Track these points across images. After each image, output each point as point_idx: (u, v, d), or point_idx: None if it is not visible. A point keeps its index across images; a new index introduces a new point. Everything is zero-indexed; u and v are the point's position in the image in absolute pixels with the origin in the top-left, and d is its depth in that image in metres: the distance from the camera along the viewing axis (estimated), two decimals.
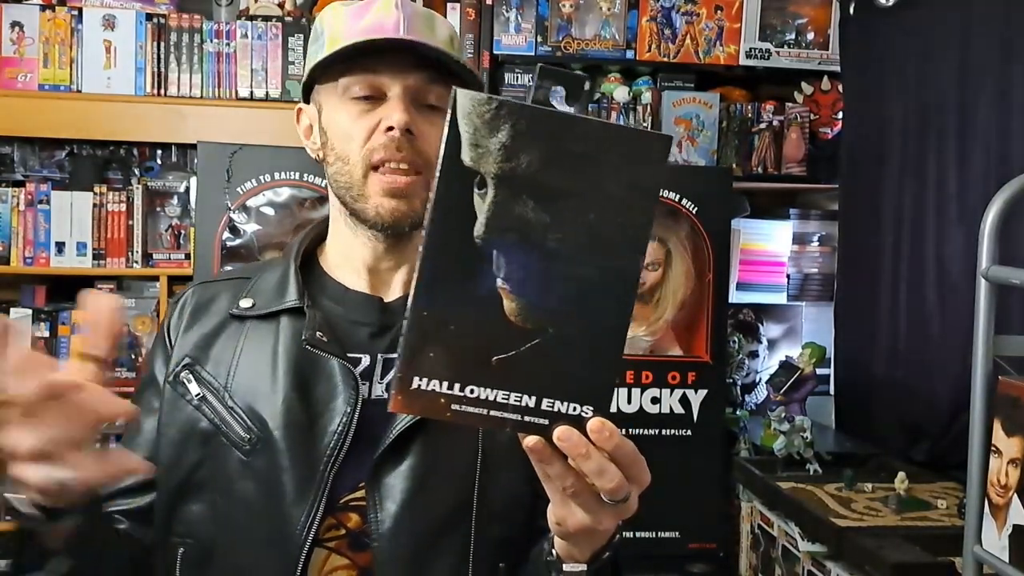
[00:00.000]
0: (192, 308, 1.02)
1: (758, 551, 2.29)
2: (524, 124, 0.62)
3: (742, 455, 2.53)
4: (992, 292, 1.48)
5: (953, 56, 2.33)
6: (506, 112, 0.61)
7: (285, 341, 0.96)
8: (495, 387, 0.65)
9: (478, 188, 0.62)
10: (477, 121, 0.61)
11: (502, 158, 0.62)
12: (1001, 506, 1.39)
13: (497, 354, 0.64)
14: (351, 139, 0.95)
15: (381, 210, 0.95)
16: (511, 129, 0.61)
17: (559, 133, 0.62)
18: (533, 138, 0.62)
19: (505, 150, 0.62)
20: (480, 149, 0.62)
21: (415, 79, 0.95)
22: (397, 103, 0.93)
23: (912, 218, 2.46)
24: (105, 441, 2.62)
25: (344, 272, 1.02)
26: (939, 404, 2.31)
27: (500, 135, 0.61)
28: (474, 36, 2.86)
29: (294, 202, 2.39)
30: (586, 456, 0.65)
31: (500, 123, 0.61)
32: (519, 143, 0.62)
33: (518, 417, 0.65)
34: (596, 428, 0.65)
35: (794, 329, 3.02)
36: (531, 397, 0.65)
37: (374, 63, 0.94)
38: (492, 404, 0.65)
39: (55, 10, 2.68)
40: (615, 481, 0.67)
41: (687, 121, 2.89)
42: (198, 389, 0.96)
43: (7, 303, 2.71)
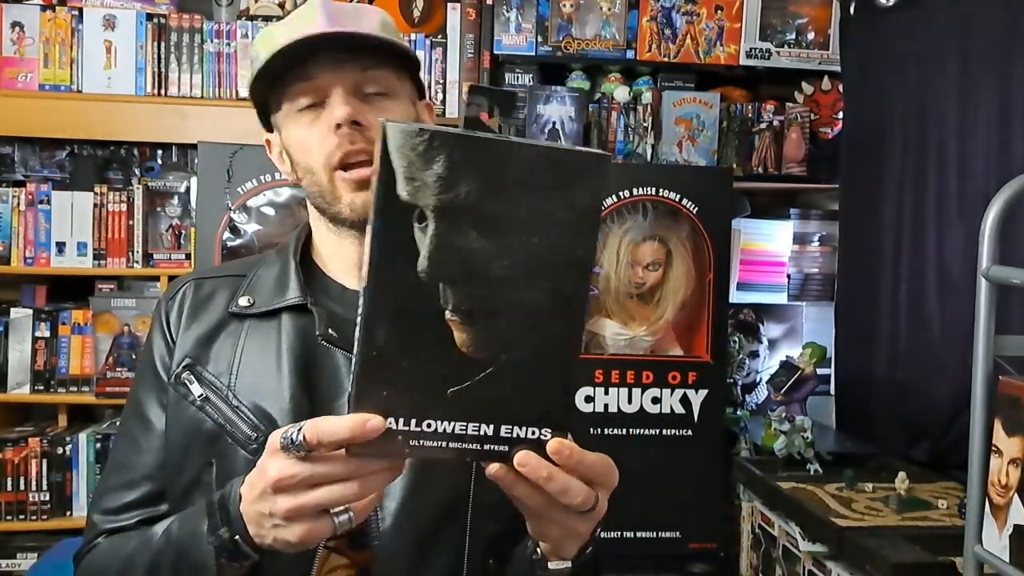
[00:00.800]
0: (190, 305, 1.01)
1: (759, 551, 2.29)
2: (459, 153, 0.60)
3: (743, 455, 2.53)
4: (992, 292, 1.48)
5: (953, 56, 2.33)
6: (440, 142, 0.60)
7: (288, 338, 0.96)
8: (452, 419, 0.65)
9: (418, 222, 0.61)
10: (411, 154, 0.60)
11: (440, 190, 0.60)
12: (1002, 506, 1.39)
13: (451, 386, 0.64)
14: (309, 149, 0.96)
15: (354, 206, 0.95)
16: (446, 160, 0.60)
17: (495, 159, 0.61)
18: (470, 167, 0.61)
19: (442, 181, 0.60)
20: (416, 182, 0.60)
21: (351, 73, 0.94)
22: (337, 98, 0.93)
23: (912, 218, 2.46)
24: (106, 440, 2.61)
25: (336, 269, 1.03)
26: (939, 404, 2.31)
27: (435, 167, 0.60)
28: (474, 36, 2.86)
29: (294, 202, 2.39)
30: (548, 478, 0.67)
31: (434, 154, 0.60)
32: (456, 173, 0.60)
33: (478, 447, 0.66)
34: (555, 450, 0.67)
35: (794, 329, 3.02)
36: (489, 425, 0.65)
37: (309, 71, 0.94)
38: (450, 436, 0.65)
39: (55, 10, 2.68)
40: (581, 496, 0.69)
41: (687, 121, 2.89)
42: (200, 390, 0.95)
43: (7, 303, 2.72)
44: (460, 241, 0.62)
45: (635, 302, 2.53)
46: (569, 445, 0.67)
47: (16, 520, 2.61)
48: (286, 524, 0.71)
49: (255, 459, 0.90)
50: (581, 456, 0.68)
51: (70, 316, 2.67)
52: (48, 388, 2.66)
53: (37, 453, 2.62)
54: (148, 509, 0.97)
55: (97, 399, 2.65)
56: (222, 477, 0.92)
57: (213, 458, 0.93)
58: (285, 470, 0.69)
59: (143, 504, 0.97)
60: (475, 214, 0.61)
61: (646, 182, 2.52)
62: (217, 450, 0.93)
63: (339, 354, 0.95)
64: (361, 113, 0.93)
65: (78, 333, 2.67)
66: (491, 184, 0.61)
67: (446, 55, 2.84)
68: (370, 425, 0.64)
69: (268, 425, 0.92)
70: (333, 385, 0.94)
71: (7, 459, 2.60)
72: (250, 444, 0.92)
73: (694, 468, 2.48)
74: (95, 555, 0.96)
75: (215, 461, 0.93)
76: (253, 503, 0.74)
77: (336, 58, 0.93)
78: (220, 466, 0.93)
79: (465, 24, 2.85)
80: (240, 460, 0.92)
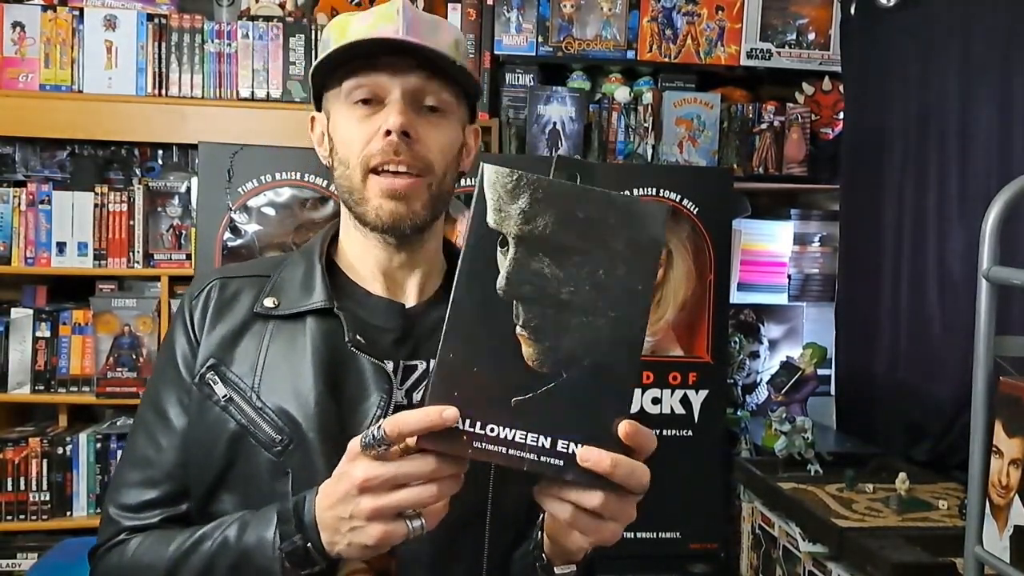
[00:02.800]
0: (216, 305, 1.01)
1: (759, 551, 2.29)
2: (540, 193, 0.71)
3: (743, 455, 2.53)
4: (993, 292, 1.47)
5: (954, 56, 2.33)
6: (525, 183, 0.71)
7: (314, 341, 0.96)
8: (514, 427, 0.71)
9: (501, 247, 0.71)
10: (500, 190, 0.71)
11: (521, 221, 0.71)
12: (1002, 507, 1.39)
13: (516, 396, 0.71)
14: (351, 143, 0.96)
15: (380, 212, 0.95)
16: (529, 197, 0.71)
17: (570, 201, 0.71)
18: (547, 205, 0.71)
19: (524, 215, 0.71)
20: (502, 213, 0.71)
21: (414, 81, 0.95)
22: (395, 106, 0.94)
23: (913, 218, 2.46)
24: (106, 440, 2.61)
25: (360, 274, 1.03)
26: (940, 404, 2.31)
27: (520, 202, 0.71)
28: (475, 36, 2.86)
29: (295, 202, 2.39)
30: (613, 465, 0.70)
31: (520, 192, 0.71)
32: (535, 209, 0.71)
33: (535, 457, 0.71)
34: (630, 432, 0.71)
35: (795, 329, 3.02)
36: (547, 438, 0.71)
37: (374, 67, 0.95)
38: (510, 443, 0.71)
39: (56, 10, 2.68)
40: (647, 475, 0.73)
41: (688, 121, 2.89)
42: (224, 390, 0.95)
43: (8, 303, 2.72)
44: (535, 266, 0.71)
45: None
46: (634, 425, 0.71)
47: (16, 520, 2.61)
48: (364, 525, 0.74)
49: (278, 461, 0.91)
50: (648, 434, 0.73)
51: (70, 316, 2.67)
52: (48, 388, 2.66)
53: (37, 453, 2.62)
54: (170, 508, 0.97)
55: (97, 399, 2.65)
56: (245, 478, 0.93)
57: (236, 458, 0.93)
58: (371, 471, 0.72)
59: (164, 504, 0.97)
60: (549, 244, 0.71)
61: (647, 182, 2.52)
62: (240, 450, 0.93)
63: (365, 359, 0.95)
64: (413, 126, 0.94)
65: (78, 333, 2.67)
66: (565, 220, 0.71)
67: None
68: (447, 414, 0.68)
69: (292, 428, 0.92)
70: (359, 389, 0.94)
71: (7, 459, 2.60)
72: (273, 446, 0.92)
73: (694, 468, 2.48)
74: (127, 554, 0.95)
75: (238, 461, 0.93)
76: (331, 508, 0.77)
77: (404, 63, 0.95)
78: (243, 467, 0.93)
79: (466, 24, 2.85)
80: (263, 461, 0.92)
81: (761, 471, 2.28)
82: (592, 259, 0.71)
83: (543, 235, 0.71)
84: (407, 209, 0.96)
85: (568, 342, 0.71)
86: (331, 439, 0.91)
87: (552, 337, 0.71)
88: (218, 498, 0.94)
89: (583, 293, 0.71)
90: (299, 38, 2.72)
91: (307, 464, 0.91)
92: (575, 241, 0.71)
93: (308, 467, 0.91)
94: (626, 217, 0.72)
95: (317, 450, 0.91)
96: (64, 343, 2.66)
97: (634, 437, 0.71)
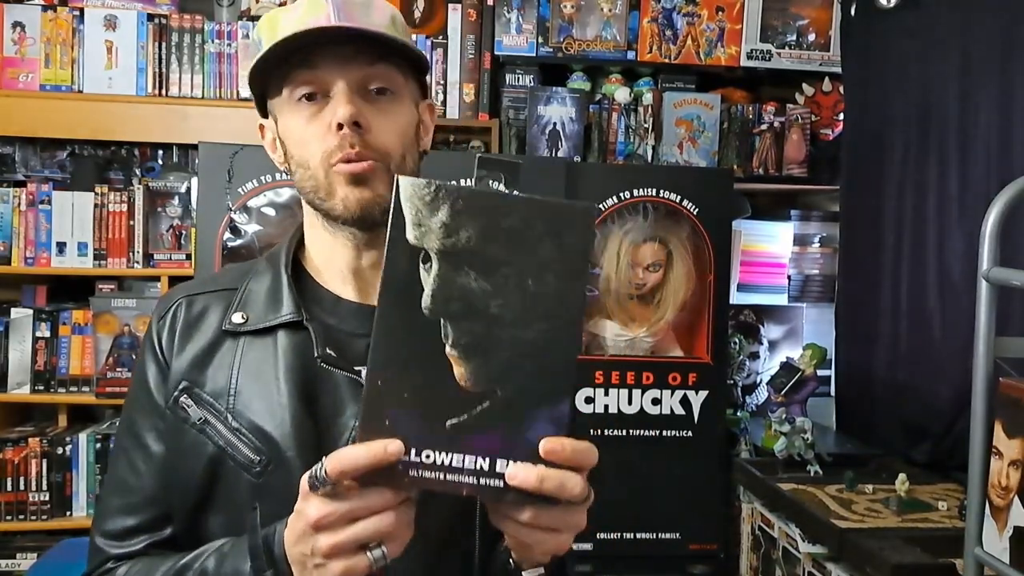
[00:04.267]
0: (182, 325, 0.98)
1: (759, 552, 2.29)
2: (461, 203, 0.67)
3: (743, 456, 2.53)
4: (993, 293, 1.48)
5: (954, 57, 2.33)
6: (444, 193, 0.67)
7: (285, 356, 0.93)
8: (451, 451, 0.68)
9: (423, 263, 0.68)
10: (419, 203, 0.68)
11: (443, 235, 0.67)
12: (1002, 508, 1.39)
13: (450, 418, 0.68)
14: (306, 144, 0.93)
15: (348, 202, 0.92)
16: (449, 209, 0.67)
17: (492, 210, 0.68)
18: (469, 215, 0.67)
19: (445, 228, 0.67)
20: (423, 227, 0.68)
21: (356, 68, 0.92)
22: (341, 98, 0.91)
23: (913, 219, 2.46)
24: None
25: (329, 277, 1.00)
26: (940, 405, 2.31)
27: (440, 214, 0.67)
28: (475, 37, 2.86)
29: (295, 203, 2.38)
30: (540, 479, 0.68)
31: (439, 203, 0.67)
32: (457, 221, 0.67)
33: (474, 481, 0.68)
34: (549, 449, 0.69)
35: (795, 330, 3.02)
36: (484, 459, 0.68)
37: (313, 60, 0.91)
38: (448, 468, 0.68)
39: (56, 10, 2.69)
40: (578, 486, 0.70)
41: (688, 122, 2.89)
42: (199, 412, 0.93)
43: (8, 303, 2.72)
44: (460, 281, 0.68)
45: (635, 303, 2.53)
46: (558, 441, 0.69)
47: (16, 520, 2.61)
48: (325, 563, 0.73)
49: (259, 482, 0.89)
50: (573, 446, 0.70)
51: (70, 316, 2.68)
52: (48, 388, 2.66)
53: (37, 453, 2.62)
54: (154, 534, 0.96)
55: (97, 399, 2.65)
56: (226, 500, 0.91)
57: (217, 481, 0.91)
58: (322, 509, 0.71)
59: (147, 529, 0.96)
60: (474, 257, 0.68)
61: (647, 183, 2.52)
62: (220, 473, 0.91)
63: (338, 372, 0.93)
64: (363, 114, 0.91)
65: (78, 333, 2.67)
66: (488, 231, 0.68)
67: (447, 56, 2.84)
68: (391, 448, 0.67)
69: (269, 447, 0.90)
70: (335, 403, 0.92)
71: (7, 459, 2.60)
72: (253, 467, 0.90)
73: (694, 469, 2.48)
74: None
75: (218, 484, 0.91)
76: (295, 545, 0.75)
77: (343, 51, 0.91)
78: (223, 489, 0.91)
79: (466, 25, 2.85)
80: (243, 483, 0.90)
81: (761, 472, 2.28)
82: (519, 269, 0.68)
83: (467, 248, 0.67)
84: (372, 193, 0.92)
85: (499, 358, 0.68)
86: (310, 456, 0.89)
87: (483, 354, 0.68)
88: (203, 521, 0.93)
89: (512, 305, 0.68)
90: None
91: (288, 483, 0.88)
92: (501, 252, 0.68)
93: (289, 486, 0.87)
94: (552, 221, 0.68)
95: (298, 468, 0.89)
96: (64, 343, 2.66)
97: (555, 455, 0.68)
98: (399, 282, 0.68)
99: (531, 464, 0.68)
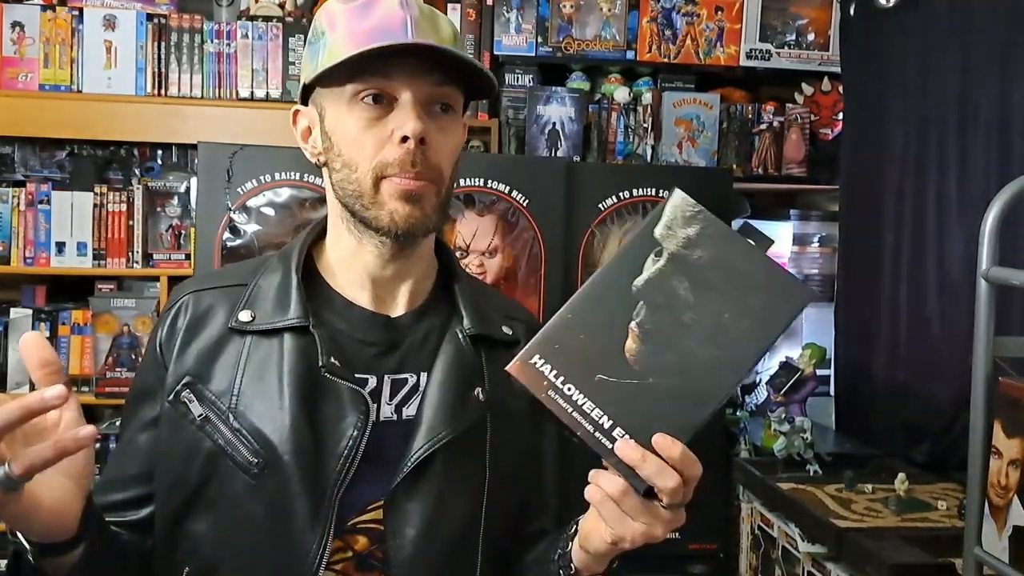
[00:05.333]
0: (188, 322, 0.97)
1: (758, 552, 2.29)
2: (711, 229, 0.79)
3: (742, 456, 2.53)
4: (992, 293, 1.48)
5: (953, 57, 2.33)
6: (702, 216, 0.80)
7: (290, 360, 0.92)
8: (588, 397, 0.76)
9: (655, 255, 0.79)
10: (679, 213, 0.80)
11: (683, 244, 0.79)
12: (1001, 507, 1.39)
13: (602, 374, 0.77)
14: (361, 147, 0.91)
15: (396, 216, 0.90)
16: (699, 228, 0.79)
17: (731, 248, 0.80)
18: (711, 242, 0.79)
19: (688, 240, 0.79)
20: (671, 231, 0.80)
21: (428, 84, 0.90)
22: (410, 111, 0.89)
23: (912, 219, 2.46)
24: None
25: (345, 282, 0.98)
26: (939, 405, 2.31)
27: (690, 229, 0.79)
28: (475, 36, 2.86)
29: (294, 203, 2.38)
30: (643, 459, 0.75)
31: (694, 221, 0.80)
32: (699, 240, 0.79)
33: (591, 429, 0.76)
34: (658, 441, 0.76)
35: (794, 330, 3.01)
36: (609, 419, 0.76)
37: (385, 67, 0.89)
38: (578, 408, 0.76)
39: (56, 10, 2.68)
40: (673, 481, 0.76)
41: (687, 122, 2.89)
42: (200, 409, 0.92)
43: (7, 303, 2.72)
44: (674, 283, 0.78)
45: None
46: (672, 440, 0.75)
47: None
48: None
49: (256, 484, 0.89)
50: (683, 450, 0.76)
51: (70, 316, 2.67)
52: None
53: None
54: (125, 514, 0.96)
55: (97, 399, 2.65)
56: (219, 498, 0.91)
57: (212, 478, 0.91)
58: None
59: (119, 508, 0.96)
60: (696, 272, 0.78)
61: (646, 183, 2.52)
62: (217, 471, 0.91)
63: (340, 382, 0.92)
64: (429, 131, 0.90)
65: (78, 333, 2.67)
66: (719, 260, 0.79)
67: None
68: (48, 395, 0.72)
69: (267, 450, 0.90)
70: (336, 410, 0.91)
71: None
72: (251, 469, 0.90)
73: None
74: None
75: (213, 481, 0.91)
76: None
77: (416, 64, 0.89)
78: (218, 487, 0.91)
79: (465, 25, 2.85)
80: (240, 483, 0.90)
81: (760, 472, 2.28)
82: (725, 302, 0.78)
83: (695, 263, 0.78)
84: (421, 212, 0.91)
85: (668, 356, 0.77)
86: (306, 462, 0.89)
87: (657, 345, 0.77)
88: (193, 516, 0.92)
89: (703, 324, 0.77)
90: (299, 38, 2.72)
91: (282, 488, 0.89)
92: (719, 280, 0.78)
93: (284, 490, 0.89)
94: (773, 284, 0.79)
95: (293, 474, 0.89)
96: (63, 343, 2.66)
97: (664, 450, 0.75)
98: (630, 258, 0.79)
99: (639, 445, 0.75)
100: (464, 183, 2.42)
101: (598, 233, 2.49)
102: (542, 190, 2.45)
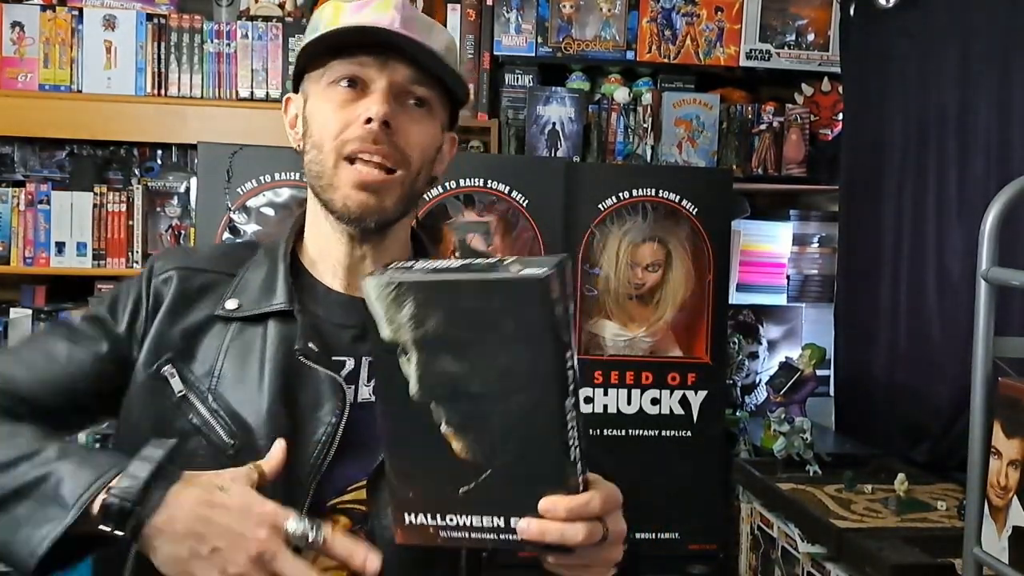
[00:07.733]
0: (177, 293, 0.98)
1: (758, 552, 2.29)
2: (421, 295, 0.72)
3: (742, 456, 2.53)
4: (992, 293, 1.48)
5: (953, 57, 2.33)
6: (405, 289, 0.72)
7: (272, 346, 0.94)
8: (468, 513, 0.76)
9: (403, 355, 0.73)
10: (386, 301, 0.72)
11: (413, 327, 0.72)
12: (1001, 507, 1.39)
13: (461, 487, 0.75)
14: (328, 126, 0.94)
15: (349, 202, 0.93)
16: (413, 302, 0.72)
17: (450, 296, 0.72)
18: (431, 305, 0.72)
19: (413, 320, 0.72)
20: (395, 324, 0.72)
21: (402, 75, 0.93)
22: (380, 95, 0.92)
23: (912, 219, 2.46)
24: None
25: (323, 269, 1.01)
26: (939, 405, 2.31)
27: (406, 308, 0.72)
28: (474, 37, 2.86)
29: (294, 202, 2.38)
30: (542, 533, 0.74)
31: (403, 299, 0.72)
32: (422, 312, 0.72)
33: (494, 537, 0.76)
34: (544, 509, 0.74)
35: (794, 330, 3.02)
36: (499, 518, 0.75)
37: (362, 54, 0.93)
38: (470, 528, 0.76)
39: (55, 10, 2.68)
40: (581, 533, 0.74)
41: (687, 122, 2.89)
42: (180, 387, 0.93)
43: (7, 303, 2.71)
44: (439, 367, 0.73)
45: (635, 303, 2.52)
46: (552, 501, 0.74)
47: None
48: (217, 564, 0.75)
49: (229, 464, 0.86)
50: (568, 504, 0.74)
51: (69, 316, 2.67)
52: None
53: None
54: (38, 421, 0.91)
55: None
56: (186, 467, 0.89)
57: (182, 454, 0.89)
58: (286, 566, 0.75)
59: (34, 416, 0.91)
60: (446, 342, 0.72)
61: (646, 183, 2.52)
62: (186, 447, 0.90)
63: (319, 368, 0.93)
64: (395, 117, 0.92)
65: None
66: (451, 316, 0.72)
67: None
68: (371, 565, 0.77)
69: (244, 433, 0.91)
70: (314, 396, 0.93)
71: None
72: (227, 450, 0.90)
73: (693, 469, 2.48)
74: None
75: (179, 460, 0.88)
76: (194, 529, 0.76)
77: (395, 57, 0.93)
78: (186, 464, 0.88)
79: (465, 25, 2.85)
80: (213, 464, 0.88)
81: (760, 472, 2.28)
82: (488, 347, 0.71)
83: (437, 335, 0.72)
84: (377, 202, 0.93)
85: (490, 430, 0.73)
86: None
87: (474, 430, 0.74)
88: None
89: (490, 381, 0.72)
90: (298, 38, 2.72)
91: None
92: (467, 333, 0.72)
93: None
94: (504, 297, 0.70)
95: None
96: None
97: (551, 513, 0.74)
98: (386, 378, 0.75)
99: (535, 519, 0.74)
100: (464, 183, 2.42)
101: (598, 233, 2.49)
102: (542, 190, 2.45)
